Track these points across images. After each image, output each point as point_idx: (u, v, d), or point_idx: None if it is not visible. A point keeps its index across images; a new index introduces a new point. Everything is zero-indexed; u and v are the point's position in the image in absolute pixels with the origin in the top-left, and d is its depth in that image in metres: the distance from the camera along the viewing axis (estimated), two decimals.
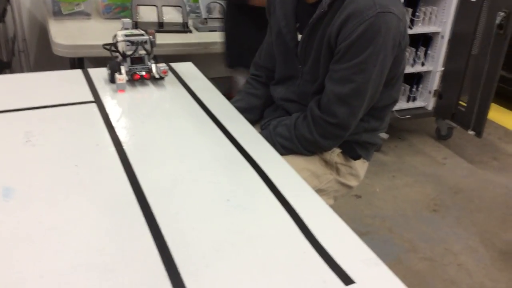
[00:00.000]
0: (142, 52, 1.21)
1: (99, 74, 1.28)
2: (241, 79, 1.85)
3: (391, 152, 2.72)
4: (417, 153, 2.73)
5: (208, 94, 1.24)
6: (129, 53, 1.20)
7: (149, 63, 1.23)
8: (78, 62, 1.90)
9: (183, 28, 2.01)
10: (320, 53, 1.13)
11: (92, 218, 0.74)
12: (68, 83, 1.23)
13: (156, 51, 1.25)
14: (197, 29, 2.06)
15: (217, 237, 0.72)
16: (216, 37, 1.99)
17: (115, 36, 1.23)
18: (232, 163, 0.94)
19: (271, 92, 1.34)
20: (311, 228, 0.76)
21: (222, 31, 1.91)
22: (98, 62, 2.36)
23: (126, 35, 1.20)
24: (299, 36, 1.19)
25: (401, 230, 2.07)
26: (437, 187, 2.42)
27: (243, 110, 1.17)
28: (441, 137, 2.87)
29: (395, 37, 1.05)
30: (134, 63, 1.22)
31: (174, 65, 1.40)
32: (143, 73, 1.22)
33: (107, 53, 1.23)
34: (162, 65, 1.24)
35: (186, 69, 1.40)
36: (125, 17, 2.07)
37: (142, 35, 1.22)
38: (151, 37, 1.22)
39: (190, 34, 2.01)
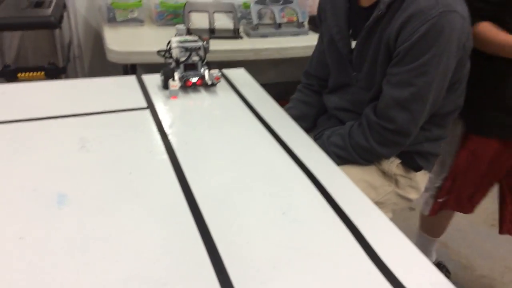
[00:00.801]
0: (195, 58, 1.21)
1: (152, 80, 1.28)
2: None
3: None
4: None
5: (261, 101, 1.21)
6: (182, 59, 1.19)
7: (202, 70, 1.22)
8: (131, 68, 1.92)
9: (234, 34, 1.99)
10: (376, 58, 1.07)
11: (145, 229, 0.72)
12: (122, 89, 1.23)
13: (207, 57, 1.23)
14: (248, 35, 2.04)
15: (273, 252, 0.68)
16: (266, 43, 1.97)
17: (169, 42, 1.22)
18: (287, 172, 0.90)
19: (324, 101, 1.30)
20: (374, 246, 0.71)
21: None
22: (151, 68, 2.38)
23: (180, 42, 1.20)
24: (353, 43, 1.14)
25: (458, 246, 1.97)
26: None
27: (295, 118, 1.14)
28: None
29: (459, 38, 0.98)
30: (187, 70, 1.21)
31: (226, 71, 1.38)
32: (196, 79, 1.21)
33: (159, 60, 1.23)
34: (215, 72, 1.22)
35: (239, 75, 1.37)
36: (177, 23, 2.08)
37: (196, 41, 1.21)
38: (204, 43, 1.21)
39: (241, 40, 1.99)
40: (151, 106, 1.13)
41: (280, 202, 0.80)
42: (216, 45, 1.90)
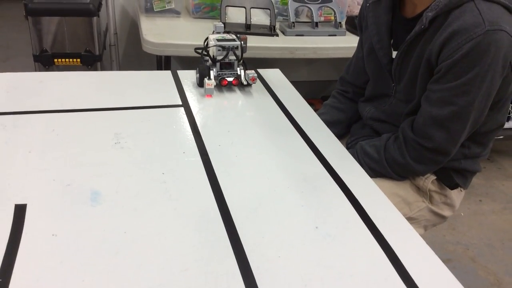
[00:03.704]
0: (232, 57, 1.18)
1: (187, 75, 1.27)
2: None
3: (479, 174, 2.51)
4: (507, 177, 2.52)
5: (295, 104, 1.19)
6: (219, 58, 1.17)
7: (238, 69, 1.20)
8: (165, 60, 1.92)
9: (270, 31, 1.97)
10: (417, 72, 1.03)
11: (176, 233, 0.71)
12: (157, 84, 1.22)
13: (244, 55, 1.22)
14: (284, 33, 2.01)
15: (304, 269, 0.67)
16: (302, 42, 1.93)
17: (206, 39, 1.21)
18: (320, 182, 0.88)
19: (359, 110, 1.27)
20: (407, 267, 0.68)
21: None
22: (184, 61, 2.39)
23: (218, 40, 1.18)
24: (394, 53, 1.11)
25: (486, 261, 1.91)
26: None
27: (327, 123, 1.11)
28: None
29: (506, 57, 0.93)
30: (223, 68, 1.19)
31: (261, 71, 1.36)
32: (232, 79, 1.19)
33: (193, 53, 1.22)
34: (251, 72, 1.20)
35: (274, 76, 1.35)
36: (213, 17, 2.07)
37: (234, 40, 1.19)
38: (242, 42, 1.19)
39: (277, 37, 1.96)
40: (185, 104, 1.12)
41: (313, 215, 0.79)
42: (251, 41, 1.88)
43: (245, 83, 1.21)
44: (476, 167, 1.14)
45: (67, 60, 2.01)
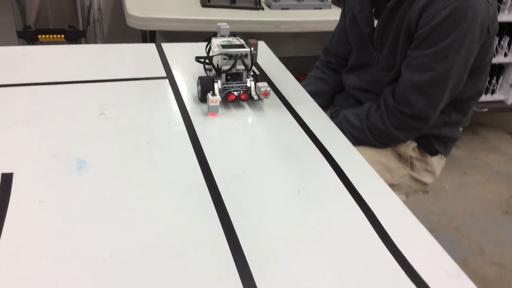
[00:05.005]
0: (240, 67, 0.98)
1: (171, 48, 1.27)
2: None
3: (464, 146, 2.57)
4: (491, 149, 2.57)
5: (279, 75, 1.20)
6: (225, 68, 0.97)
7: (247, 80, 1.01)
8: (150, 35, 1.91)
9: (256, 5, 1.96)
10: (398, 39, 1.05)
11: (162, 199, 0.73)
12: (141, 57, 1.22)
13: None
14: (269, 6, 2.01)
15: (287, 230, 0.69)
16: (287, 15, 1.93)
17: (208, 44, 1.04)
18: (303, 150, 0.90)
19: (342, 80, 1.28)
20: (388, 230, 0.70)
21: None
22: (170, 36, 2.38)
23: (223, 46, 0.98)
24: (375, 22, 1.12)
25: (469, 231, 1.96)
26: (511, 187, 2.27)
27: (311, 95, 1.12)
28: None
29: (483, 23, 0.95)
30: (230, 79, 1.00)
31: None
32: (240, 93, 1.00)
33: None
34: (263, 85, 1.00)
35: (258, 48, 1.35)
36: None
37: (242, 46, 0.99)
38: (252, 48, 1.00)
39: (262, 11, 1.96)
40: (170, 76, 1.12)
41: (295, 180, 0.80)
42: (236, 15, 1.88)
43: (255, 98, 1.01)
44: (456, 134, 1.17)
45: (51, 36, 1.99)
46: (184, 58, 1.23)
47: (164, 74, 1.13)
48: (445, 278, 0.63)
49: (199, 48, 1.30)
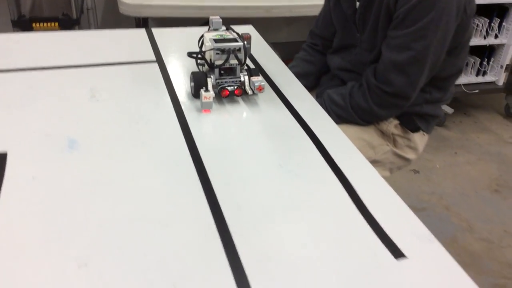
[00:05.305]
0: (234, 61, 0.97)
1: (161, 33, 1.30)
2: None
3: (455, 127, 2.61)
4: (482, 130, 2.61)
5: (266, 57, 1.23)
6: (218, 63, 0.97)
7: (241, 75, 1.00)
8: (142, 22, 1.93)
9: None
10: (378, 20, 1.08)
11: (150, 174, 0.76)
12: (132, 41, 1.25)
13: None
14: None
15: (267, 200, 0.73)
16: (279, 0, 1.95)
17: (201, 38, 1.03)
18: (287, 129, 0.93)
19: (328, 61, 1.32)
20: (364, 199, 0.74)
21: None
22: (162, 22, 2.40)
23: (216, 40, 0.97)
24: (357, 4, 1.15)
25: (459, 209, 2.01)
26: (502, 167, 2.31)
27: (298, 76, 1.16)
28: (510, 114, 2.72)
29: (459, 2, 0.98)
30: (223, 74, 1.00)
31: (234, 27, 1.39)
32: (234, 88, 0.99)
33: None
34: (258, 80, 0.98)
35: (246, 31, 1.38)
36: None
37: (235, 40, 0.98)
38: (245, 42, 0.99)
39: None
40: (159, 59, 1.16)
41: (278, 155, 0.84)
42: (227, 1, 1.90)
43: (250, 92, 1.01)
44: (437, 111, 1.21)
45: (45, 24, 2.02)
46: (173, 43, 1.26)
47: (154, 58, 1.17)
48: (417, 242, 0.67)
49: (189, 34, 1.34)
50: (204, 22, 1.09)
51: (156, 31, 1.32)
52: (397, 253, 0.64)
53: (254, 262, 0.61)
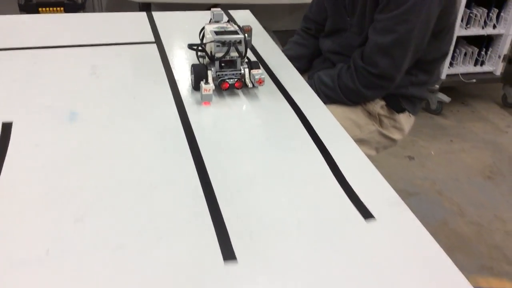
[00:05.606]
0: (234, 54, 0.97)
1: (161, 16, 1.36)
2: None
3: (452, 116, 2.65)
4: (479, 119, 2.65)
5: (261, 41, 1.28)
6: (219, 55, 0.97)
7: (241, 68, 1.00)
8: (146, 7, 1.99)
9: None
10: (366, 4, 1.13)
11: (143, 144, 0.82)
12: (132, 24, 1.31)
13: None
14: None
15: (251, 169, 0.78)
16: None
17: (202, 30, 1.04)
18: (277, 108, 0.98)
19: (320, 45, 1.37)
20: (342, 168, 0.80)
21: None
22: (164, 6, 2.45)
23: (217, 33, 0.97)
24: None
25: (451, 194, 2.05)
26: (496, 155, 2.35)
27: (290, 59, 1.21)
28: (507, 104, 2.75)
29: None
30: (223, 67, 0.99)
31: (231, 12, 1.45)
32: (234, 81, 1.00)
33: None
34: (258, 73, 0.99)
35: (243, 17, 1.44)
36: None
37: (236, 32, 0.98)
38: (246, 35, 0.99)
39: None
40: (158, 40, 1.21)
41: (265, 130, 0.90)
42: None
43: (250, 85, 1.01)
44: (423, 93, 1.26)
45: (50, 8, 2.08)
46: (172, 25, 1.32)
47: (153, 39, 1.22)
48: (387, 206, 0.73)
49: (186, 17, 1.39)
50: (207, 7, 1.12)
51: (156, 14, 1.37)
52: (367, 214, 0.70)
53: (234, 220, 0.67)
